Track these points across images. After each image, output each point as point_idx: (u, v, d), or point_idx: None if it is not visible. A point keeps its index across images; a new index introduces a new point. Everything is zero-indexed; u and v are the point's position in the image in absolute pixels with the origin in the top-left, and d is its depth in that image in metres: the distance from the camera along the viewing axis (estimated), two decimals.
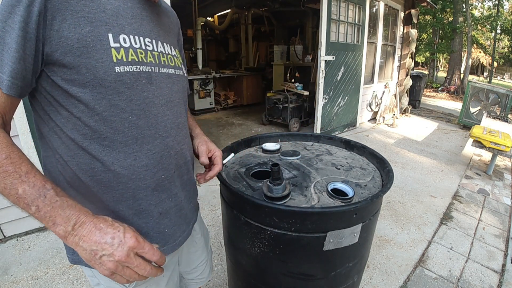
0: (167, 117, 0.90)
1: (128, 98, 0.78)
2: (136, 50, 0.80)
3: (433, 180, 4.16)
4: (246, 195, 1.10)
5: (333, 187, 1.24)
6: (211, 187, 3.76)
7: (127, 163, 0.81)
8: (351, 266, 1.25)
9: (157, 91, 0.86)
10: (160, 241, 0.92)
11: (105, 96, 0.74)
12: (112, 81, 0.74)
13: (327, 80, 5.44)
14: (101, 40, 0.72)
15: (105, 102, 0.75)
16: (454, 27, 15.52)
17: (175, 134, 0.93)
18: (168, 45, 0.94)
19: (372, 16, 6.48)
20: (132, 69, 0.78)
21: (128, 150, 0.81)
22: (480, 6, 24.78)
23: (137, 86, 0.79)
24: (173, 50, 0.96)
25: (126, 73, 0.76)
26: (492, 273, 2.42)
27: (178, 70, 0.97)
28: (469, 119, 7.07)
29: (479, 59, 28.30)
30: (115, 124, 0.77)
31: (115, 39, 0.75)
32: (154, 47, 0.86)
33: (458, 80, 15.73)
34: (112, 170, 0.80)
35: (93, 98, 0.73)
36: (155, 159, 0.86)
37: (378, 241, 2.74)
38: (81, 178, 0.79)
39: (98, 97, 0.73)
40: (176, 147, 0.94)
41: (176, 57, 0.98)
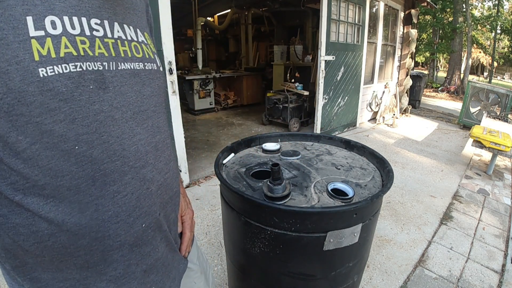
0: (138, 136, 0.62)
1: (67, 117, 0.50)
2: (75, 38, 0.52)
3: (433, 180, 4.16)
4: (246, 195, 1.10)
5: (333, 187, 1.24)
6: (211, 187, 3.76)
7: (86, 217, 0.55)
8: (351, 266, 1.25)
9: (117, 99, 0.58)
10: None
11: (30, 120, 0.47)
12: (36, 92, 0.47)
13: (327, 80, 5.44)
14: (13, 27, 0.45)
15: (32, 130, 0.48)
16: (454, 27, 15.52)
17: (154, 159, 0.66)
18: (132, 28, 0.64)
19: (372, 16, 6.48)
20: (68, 69, 0.50)
21: (84, 198, 0.55)
22: (480, 6, 24.78)
23: (80, 95, 0.51)
24: (140, 35, 0.67)
25: (59, 77, 0.49)
26: (492, 273, 2.42)
27: (149, 63, 0.67)
28: (469, 119, 7.07)
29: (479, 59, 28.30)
30: (55, 162, 0.51)
31: (38, 24, 0.47)
32: (106, 31, 0.57)
33: (458, 80, 15.73)
34: (65, 231, 0.54)
35: (12, 126, 0.47)
36: (128, 204, 0.60)
37: (378, 241, 2.74)
38: (22, 247, 0.54)
39: (19, 123, 0.47)
40: (158, 179, 0.68)
41: (146, 45, 0.68)
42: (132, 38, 0.64)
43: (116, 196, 0.58)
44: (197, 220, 3.03)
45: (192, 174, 3.98)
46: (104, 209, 0.57)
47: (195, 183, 3.87)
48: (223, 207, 1.42)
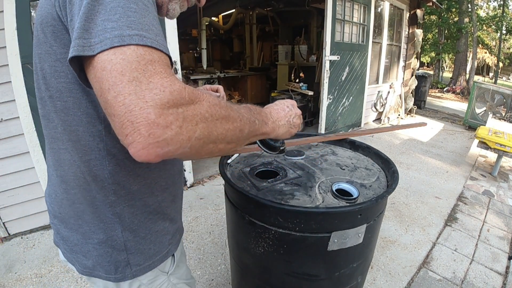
0: None
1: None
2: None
3: (438, 181, 4.14)
4: (250, 194, 1.10)
5: (337, 187, 1.24)
6: (215, 186, 3.76)
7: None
8: (355, 266, 1.25)
9: None
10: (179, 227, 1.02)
11: None
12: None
13: (331, 80, 5.42)
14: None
15: None
16: (459, 27, 15.42)
17: None
18: None
19: (377, 16, 6.45)
20: None
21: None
22: (486, 6, 24.60)
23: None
24: None
25: None
26: (496, 275, 2.40)
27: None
28: (474, 120, 7.02)
29: (484, 59, 28.08)
30: None
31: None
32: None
33: (464, 81, 15.63)
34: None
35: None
36: (177, 169, 0.97)
37: (382, 242, 2.73)
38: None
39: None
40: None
41: None
42: None
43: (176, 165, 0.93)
44: (201, 220, 3.04)
45: (196, 174, 3.99)
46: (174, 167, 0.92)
47: (199, 182, 3.87)
48: (227, 207, 1.42)
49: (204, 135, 0.53)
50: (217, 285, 2.24)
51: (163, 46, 0.55)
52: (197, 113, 0.52)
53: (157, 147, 0.47)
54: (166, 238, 0.88)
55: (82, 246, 0.80)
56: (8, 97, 2.41)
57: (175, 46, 3.21)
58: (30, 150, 2.57)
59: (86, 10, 0.51)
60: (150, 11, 0.56)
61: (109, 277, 0.81)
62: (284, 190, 1.24)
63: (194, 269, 2.38)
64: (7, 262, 2.43)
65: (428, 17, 17.29)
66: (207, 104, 0.54)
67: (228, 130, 0.58)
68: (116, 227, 0.77)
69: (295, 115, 0.91)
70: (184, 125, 0.49)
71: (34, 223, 2.80)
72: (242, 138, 0.64)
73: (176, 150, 0.50)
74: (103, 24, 0.50)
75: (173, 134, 0.48)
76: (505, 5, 18.63)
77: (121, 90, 0.47)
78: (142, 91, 0.47)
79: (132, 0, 0.53)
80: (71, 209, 0.78)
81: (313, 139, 1.74)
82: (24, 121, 2.48)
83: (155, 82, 0.48)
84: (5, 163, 2.53)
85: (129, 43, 0.49)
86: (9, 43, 2.30)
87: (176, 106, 0.49)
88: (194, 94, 0.53)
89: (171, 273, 0.93)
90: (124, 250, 0.80)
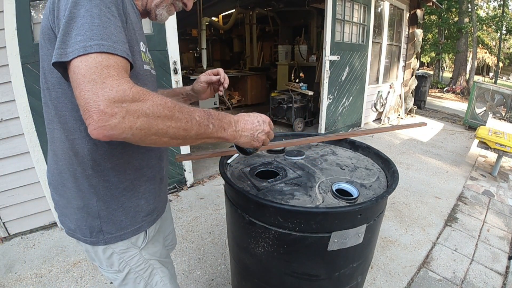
0: None
1: (147, 85, 0.91)
2: (144, 53, 0.98)
3: (438, 181, 4.14)
4: (250, 194, 1.10)
5: (337, 187, 1.24)
6: (215, 186, 3.76)
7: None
8: (355, 266, 1.25)
9: (153, 83, 1.06)
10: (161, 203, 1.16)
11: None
12: (142, 75, 0.94)
13: (331, 80, 5.43)
14: (138, 45, 0.92)
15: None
16: (459, 27, 15.42)
17: None
18: (146, 47, 1.05)
19: (377, 16, 6.45)
20: (147, 67, 0.98)
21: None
22: (486, 6, 24.59)
23: (148, 78, 0.99)
24: (148, 51, 1.08)
25: (146, 70, 0.97)
26: (496, 275, 2.40)
27: (154, 71, 1.11)
28: (474, 120, 7.03)
29: (484, 59, 28.07)
30: None
31: (140, 45, 0.94)
32: (146, 50, 1.01)
33: (464, 81, 15.63)
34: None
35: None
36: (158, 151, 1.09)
37: (382, 242, 2.74)
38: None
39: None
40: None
41: (152, 60, 1.10)
42: (150, 56, 1.06)
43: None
44: (201, 220, 3.04)
45: (196, 174, 3.99)
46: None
47: (199, 182, 3.87)
48: (227, 207, 1.42)
49: (144, 127, 0.68)
50: (217, 285, 2.24)
51: (120, 50, 0.71)
52: (139, 109, 0.67)
53: (104, 130, 0.64)
54: (139, 215, 1.01)
55: (67, 210, 0.97)
56: (8, 97, 2.41)
57: (175, 46, 3.21)
58: (30, 150, 2.57)
59: (64, 27, 0.69)
60: (112, 23, 0.72)
61: (86, 239, 0.97)
62: (284, 190, 1.24)
63: (194, 269, 2.38)
64: (7, 262, 2.43)
65: (428, 17, 17.29)
66: (150, 103, 0.69)
67: (169, 127, 0.72)
68: (92, 197, 0.92)
69: (262, 131, 0.98)
70: (126, 116, 0.65)
71: (34, 223, 2.80)
72: (188, 137, 0.78)
73: (119, 135, 0.66)
74: (75, 38, 0.67)
75: (117, 122, 0.64)
76: (505, 5, 18.62)
77: (83, 88, 0.64)
78: (97, 89, 0.63)
79: (96, 16, 0.70)
80: (59, 177, 0.95)
81: (313, 139, 1.74)
82: (24, 121, 2.48)
83: (107, 83, 0.64)
84: (5, 163, 2.53)
85: (89, 51, 0.66)
86: (9, 43, 2.30)
87: (121, 101, 0.65)
88: (139, 94, 0.68)
89: (143, 248, 1.05)
90: (98, 218, 0.94)
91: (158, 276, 1.12)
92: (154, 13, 1.03)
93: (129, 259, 1.03)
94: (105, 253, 1.00)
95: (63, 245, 2.62)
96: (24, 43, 2.35)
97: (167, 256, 1.20)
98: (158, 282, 1.12)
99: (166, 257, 1.19)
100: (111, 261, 1.02)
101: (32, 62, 2.40)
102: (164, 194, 1.19)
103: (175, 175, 3.61)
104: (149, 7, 1.01)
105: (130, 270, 1.05)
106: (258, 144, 0.99)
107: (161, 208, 1.15)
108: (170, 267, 1.22)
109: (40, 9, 2.42)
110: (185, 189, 3.69)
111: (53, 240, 2.70)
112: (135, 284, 1.08)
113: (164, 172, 1.16)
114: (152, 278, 1.10)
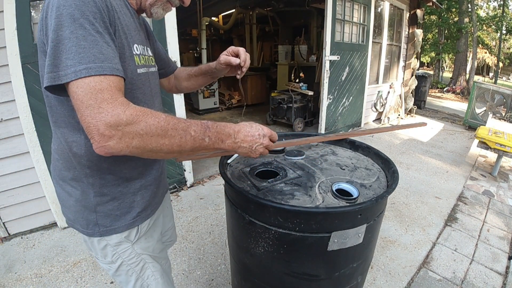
0: (157, 103, 1.14)
1: (142, 89, 1.00)
2: (140, 56, 1.00)
3: (438, 181, 4.14)
4: (250, 194, 1.10)
5: (337, 187, 1.24)
6: (215, 186, 3.76)
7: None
8: (355, 267, 1.25)
9: (152, 84, 1.09)
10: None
11: (133, 89, 0.96)
12: (136, 79, 0.96)
13: (331, 80, 5.43)
14: (130, 49, 0.93)
15: (128, 93, 0.93)
16: (459, 27, 15.41)
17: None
18: (147, 48, 1.10)
19: (377, 16, 6.45)
20: (142, 70, 1.00)
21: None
22: (486, 6, 24.59)
23: (145, 82, 1.02)
24: (149, 51, 1.12)
25: (141, 74, 0.99)
26: (496, 275, 2.40)
27: (154, 68, 1.15)
28: (474, 120, 7.03)
29: (484, 59, 28.07)
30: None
31: (134, 48, 0.96)
32: (144, 52, 1.04)
33: (464, 81, 15.62)
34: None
35: (128, 91, 0.93)
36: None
37: (382, 242, 2.74)
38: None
39: (129, 90, 0.94)
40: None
41: (151, 57, 1.14)
42: (150, 54, 1.11)
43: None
44: (201, 220, 3.04)
45: (196, 174, 3.99)
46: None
47: (199, 182, 3.88)
48: (227, 207, 1.42)
49: (140, 146, 0.75)
50: (217, 285, 2.24)
51: (109, 68, 0.75)
52: (133, 130, 0.73)
53: (104, 149, 0.72)
54: (134, 210, 1.06)
55: (67, 202, 1.03)
56: (8, 97, 2.41)
57: (175, 46, 3.21)
58: (30, 150, 2.57)
59: (53, 50, 0.73)
60: (98, 41, 0.76)
61: (83, 230, 1.03)
62: (284, 190, 1.24)
63: (194, 269, 2.38)
64: (7, 262, 2.43)
65: (428, 17, 17.29)
66: (144, 124, 0.75)
67: (163, 144, 0.78)
68: (89, 192, 0.98)
69: (261, 144, 1.00)
70: (123, 138, 0.72)
71: (34, 223, 2.80)
72: (183, 151, 0.83)
73: (118, 152, 0.74)
74: (65, 62, 0.72)
75: (115, 143, 0.72)
76: (505, 5, 18.62)
77: (83, 113, 0.71)
78: (94, 114, 0.70)
79: (81, 37, 0.73)
80: (60, 173, 1.01)
81: (313, 139, 1.74)
82: (24, 121, 2.48)
83: (103, 108, 0.71)
84: (5, 163, 2.53)
85: (80, 76, 0.71)
86: (9, 43, 2.30)
87: (116, 125, 0.71)
88: (132, 116, 0.73)
89: (135, 242, 1.10)
90: (94, 212, 1.00)
91: (149, 270, 1.16)
92: (149, 11, 1.05)
93: (122, 252, 1.08)
94: (99, 244, 1.05)
95: (63, 245, 2.63)
96: (24, 43, 2.34)
97: (161, 252, 1.24)
98: (150, 276, 1.17)
99: (160, 253, 1.23)
100: (105, 252, 1.07)
101: (32, 62, 2.40)
102: (161, 190, 1.22)
103: (175, 175, 3.61)
104: (143, 6, 1.03)
105: (123, 263, 1.10)
106: (255, 156, 1.01)
107: (157, 204, 1.19)
108: (164, 262, 1.26)
109: (40, 9, 2.42)
110: (185, 189, 3.69)
111: (53, 240, 2.70)
112: (127, 276, 1.13)
113: (161, 170, 1.19)
114: (143, 271, 1.15)
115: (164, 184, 1.27)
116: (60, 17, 0.73)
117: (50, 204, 2.76)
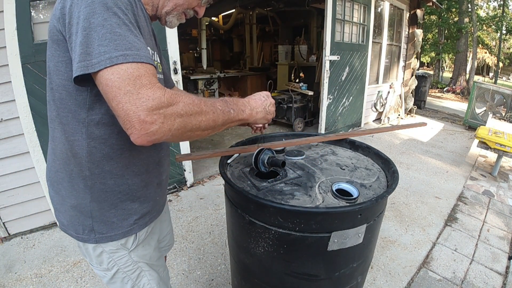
0: None
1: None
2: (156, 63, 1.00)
3: (438, 181, 4.14)
4: (250, 194, 1.10)
5: (337, 187, 1.24)
6: (215, 186, 3.76)
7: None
8: (355, 266, 1.25)
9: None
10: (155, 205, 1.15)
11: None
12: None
13: (331, 80, 5.43)
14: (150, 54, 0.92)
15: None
16: (459, 27, 15.41)
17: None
18: (157, 55, 1.08)
19: (377, 16, 6.45)
20: (159, 76, 1.02)
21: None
22: (486, 6, 24.59)
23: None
24: (158, 59, 1.10)
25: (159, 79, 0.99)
26: (496, 275, 2.40)
27: (161, 75, 1.13)
28: (474, 120, 7.02)
29: (484, 59, 28.07)
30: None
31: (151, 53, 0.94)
32: (155, 57, 1.02)
33: (464, 81, 15.62)
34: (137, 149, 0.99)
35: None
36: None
37: (382, 242, 2.74)
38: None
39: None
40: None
41: (159, 64, 1.12)
42: (158, 60, 1.06)
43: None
44: (201, 220, 3.04)
45: (196, 174, 3.99)
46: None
47: (199, 182, 3.87)
48: (227, 207, 1.42)
49: (181, 127, 0.75)
50: (217, 285, 2.24)
51: (144, 57, 0.74)
52: (174, 112, 0.73)
53: (147, 136, 0.71)
54: (132, 218, 1.02)
55: (61, 206, 0.99)
56: (8, 97, 2.41)
57: (175, 46, 3.21)
58: (30, 150, 2.57)
59: (83, 37, 0.70)
60: (131, 31, 0.75)
61: (77, 236, 0.99)
62: (284, 190, 1.24)
63: (194, 269, 2.38)
64: (7, 262, 2.43)
65: (428, 17, 17.29)
66: (182, 104, 0.75)
67: (201, 121, 0.80)
68: (86, 197, 0.94)
69: (270, 103, 1.12)
70: (165, 121, 0.71)
71: (34, 223, 2.80)
72: (217, 125, 0.86)
73: (161, 138, 0.73)
74: (98, 49, 0.69)
75: (157, 128, 0.71)
76: (505, 5, 18.62)
77: (120, 100, 0.69)
78: (134, 100, 0.68)
79: (116, 25, 0.71)
80: (55, 175, 0.97)
81: (313, 139, 1.74)
82: (24, 121, 2.48)
83: (142, 93, 0.69)
84: (5, 163, 2.53)
85: (116, 62, 0.69)
86: (9, 43, 2.30)
87: (158, 108, 0.70)
88: (171, 98, 0.73)
89: (132, 250, 1.06)
90: (90, 217, 0.96)
91: (146, 278, 1.13)
92: (164, 19, 1.04)
93: (118, 259, 1.05)
94: (95, 251, 1.02)
95: (63, 245, 2.62)
96: (24, 43, 2.34)
97: (158, 259, 1.21)
98: (145, 284, 1.14)
99: (157, 260, 1.20)
100: (101, 259, 1.04)
101: (32, 62, 2.40)
102: (161, 198, 1.19)
103: (175, 175, 3.61)
104: (159, 14, 1.02)
105: (119, 270, 1.07)
106: (271, 116, 1.13)
107: (156, 211, 1.15)
108: (161, 270, 1.23)
109: (40, 9, 2.42)
110: (185, 189, 3.69)
111: (53, 240, 2.70)
112: (123, 283, 1.10)
113: (164, 177, 1.16)
114: (140, 280, 1.12)
115: (165, 192, 1.25)
116: (92, 4, 0.71)
117: (50, 204, 2.76)
